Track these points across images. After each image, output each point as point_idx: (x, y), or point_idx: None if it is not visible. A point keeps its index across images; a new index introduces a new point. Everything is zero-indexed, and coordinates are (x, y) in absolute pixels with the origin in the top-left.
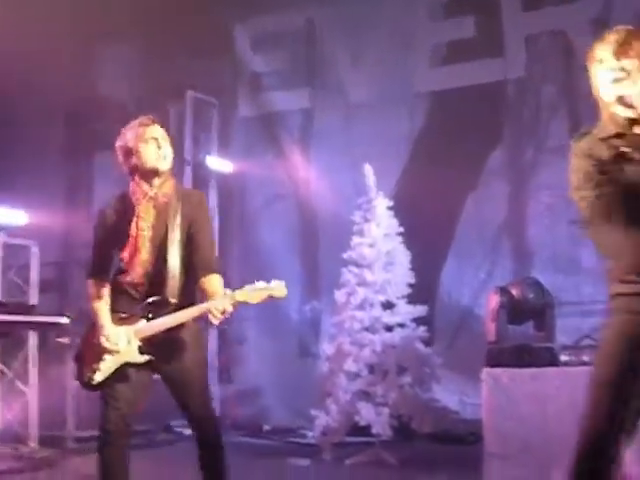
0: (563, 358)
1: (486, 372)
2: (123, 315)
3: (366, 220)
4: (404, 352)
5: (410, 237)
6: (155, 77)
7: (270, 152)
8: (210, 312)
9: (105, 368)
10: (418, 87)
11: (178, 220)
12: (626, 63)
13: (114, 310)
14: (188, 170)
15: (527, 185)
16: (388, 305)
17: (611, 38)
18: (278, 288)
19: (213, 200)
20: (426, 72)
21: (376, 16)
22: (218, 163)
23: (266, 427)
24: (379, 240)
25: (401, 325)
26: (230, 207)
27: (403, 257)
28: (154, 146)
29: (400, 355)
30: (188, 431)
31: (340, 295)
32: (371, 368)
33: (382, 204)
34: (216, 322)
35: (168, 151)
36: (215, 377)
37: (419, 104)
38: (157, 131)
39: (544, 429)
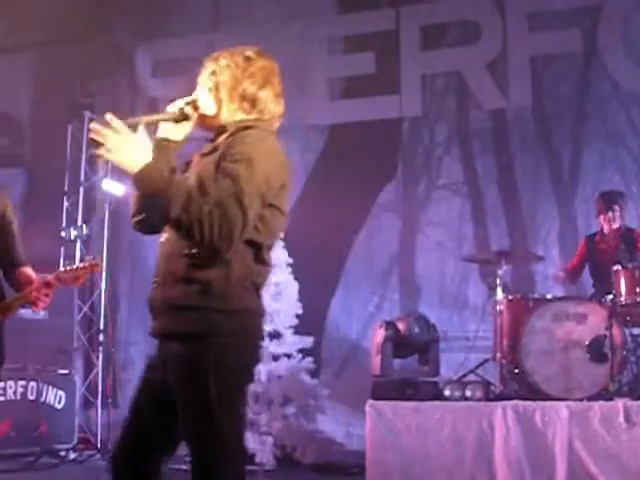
0: (446, 392)
1: (370, 404)
2: None
3: None
4: (289, 382)
5: (300, 268)
6: (55, 96)
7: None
8: (29, 298)
9: None
10: (314, 120)
11: None
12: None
13: None
14: (81, 191)
15: (418, 220)
16: (275, 335)
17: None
18: (93, 263)
19: (106, 222)
20: (323, 106)
21: (274, 47)
22: (112, 185)
23: None
24: None
25: (287, 355)
26: (121, 230)
27: (292, 288)
28: None
29: (285, 385)
30: (72, 455)
31: None
32: (256, 397)
33: None
34: (39, 309)
35: None
36: (99, 402)
37: (314, 136)
38: None
39: (425, 461)
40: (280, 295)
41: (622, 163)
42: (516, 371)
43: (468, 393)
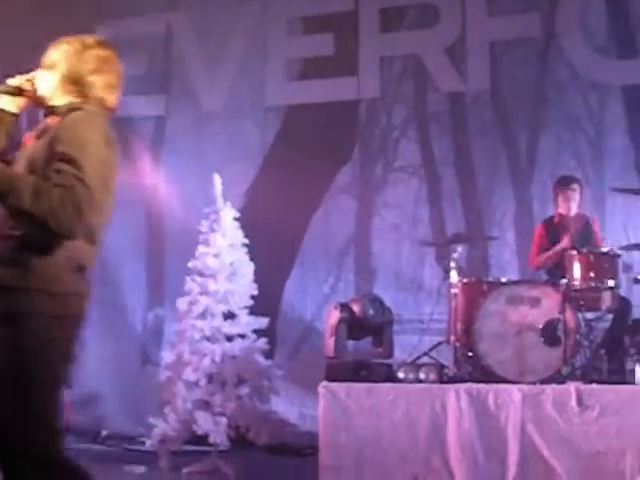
0: (400, 375)
1: (323, 386)
2: None
3: (212, 230)
4: (244, 363)
5: (255, 249)
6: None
7: (121, 158)
8: None
9: None
10: (272, 100)
11: None
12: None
13: None
14: None
15: (374, 202)
16: (229, 315)
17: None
18: None
19: None
20: (281, 86)
21: (234, 26)
22: None
23: (105, 433)
24: (224, 250)
25: (242, 336)
26: None
27: (247, 268)
28: None
29: (239, 366)
30: None
31: (182, 303)
32: (210, 378)
33: (229, 215)
34: None
35: None
36: None
37: (272, 117)
38: None
39: (378, 443)
40: (235, 276)
41: (578, 148)
42: (470, 354)
43: (422, 375)
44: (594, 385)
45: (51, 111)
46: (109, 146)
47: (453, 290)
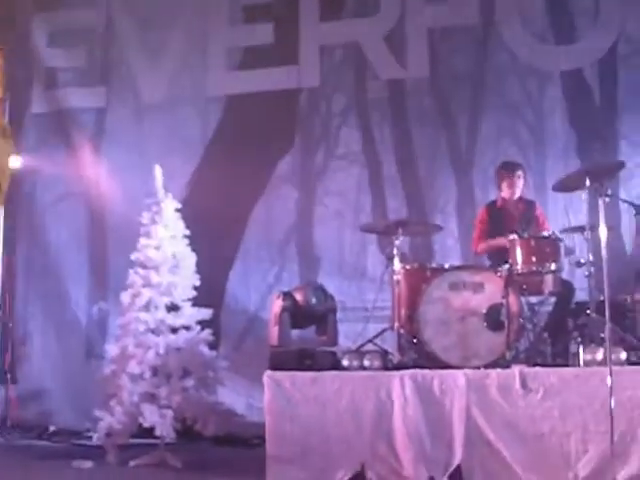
0: (344, 362)
1: (268, 375)
2: None
3: (154, 222)
4: (188, 355)
5: (197, 240)
6: None
7: (62, 149)
8: None
9: None
10: (213, 90)
11: None
12: None
13: None
14: None
15: (316, 191)
16: (173, 307)
17: None
18: None
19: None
20: (221, 76)
21: (174, 16)
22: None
23: (52, 428)
24: (166, 242)
25: (186, 328)
26: (18, 204)
27: (189, 260)
28: None
29: (184, 358)
30: None
31: (125, 296)
32: (155, 370)
33: (170, 206)
34: None
35: None
36: None
37: (213, 107)
38: None
39: (324, 431)
40: (177, 267)
41: (518, 134)
42: (414, 340)
43: (366, 363)
44: (538, 368)
45: None
46: (4, 137)
47: (396, 277)
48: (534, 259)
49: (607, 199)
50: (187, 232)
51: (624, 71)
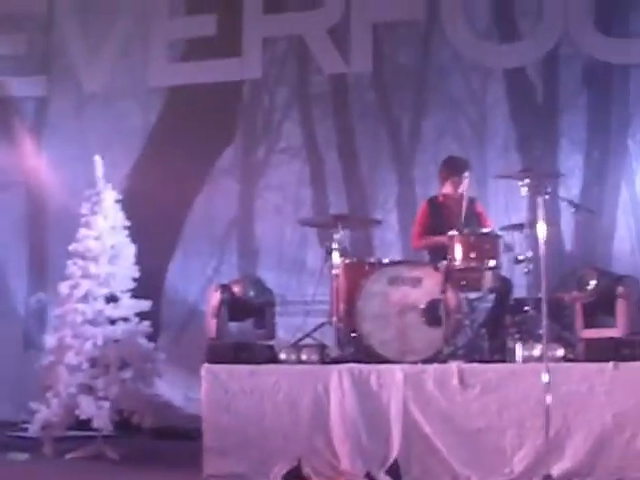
0: (282, 356)
1: (205, 368)
2: None
3: (93, 212)
4: (126, 346)
5: (137, 231)
6: None
7: (1, 139)
8: None
9: None
10: (155, 81)
11: None
12: None
13: None
14: None
15: (256, 184)
16: (112, 298)
17: None
18: None
19: None
20: (163, 67)
21: (116, 6)
22: None
23: None
24: (105, 233)
25: (124, 319)
26: None
27: (128, 251)
28: None
29: (122, 349)
30: None
31: (64, 287)
32: (93, 362)
33: (110, 197)
34: None
35: None
36: None
37: (154, 98)
38: None
39: (261, 423)
40: (116, 258)
41: (461, 131)
42: (353, 335)
43: (304, 357)
44: (475, 364)
45: None
46: None
47: (335, 271)
48: (473, 255)
49: (546, 197)
50: (127, 223)
51: (566, 71)
